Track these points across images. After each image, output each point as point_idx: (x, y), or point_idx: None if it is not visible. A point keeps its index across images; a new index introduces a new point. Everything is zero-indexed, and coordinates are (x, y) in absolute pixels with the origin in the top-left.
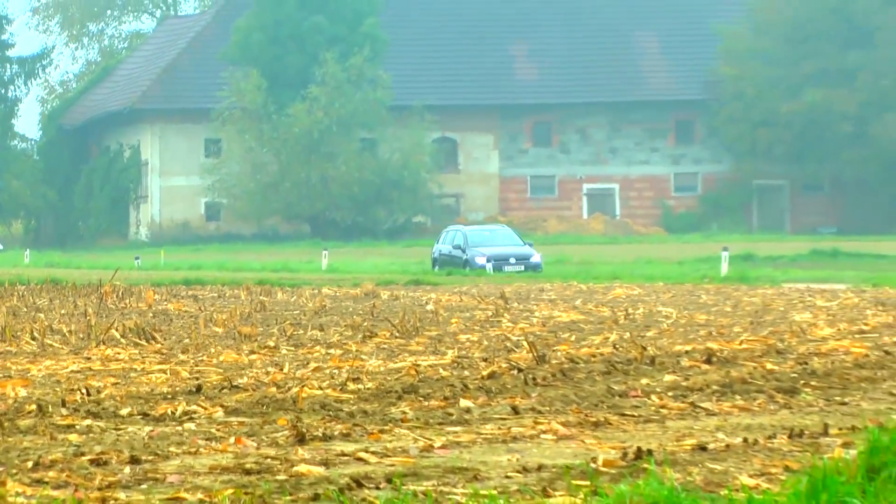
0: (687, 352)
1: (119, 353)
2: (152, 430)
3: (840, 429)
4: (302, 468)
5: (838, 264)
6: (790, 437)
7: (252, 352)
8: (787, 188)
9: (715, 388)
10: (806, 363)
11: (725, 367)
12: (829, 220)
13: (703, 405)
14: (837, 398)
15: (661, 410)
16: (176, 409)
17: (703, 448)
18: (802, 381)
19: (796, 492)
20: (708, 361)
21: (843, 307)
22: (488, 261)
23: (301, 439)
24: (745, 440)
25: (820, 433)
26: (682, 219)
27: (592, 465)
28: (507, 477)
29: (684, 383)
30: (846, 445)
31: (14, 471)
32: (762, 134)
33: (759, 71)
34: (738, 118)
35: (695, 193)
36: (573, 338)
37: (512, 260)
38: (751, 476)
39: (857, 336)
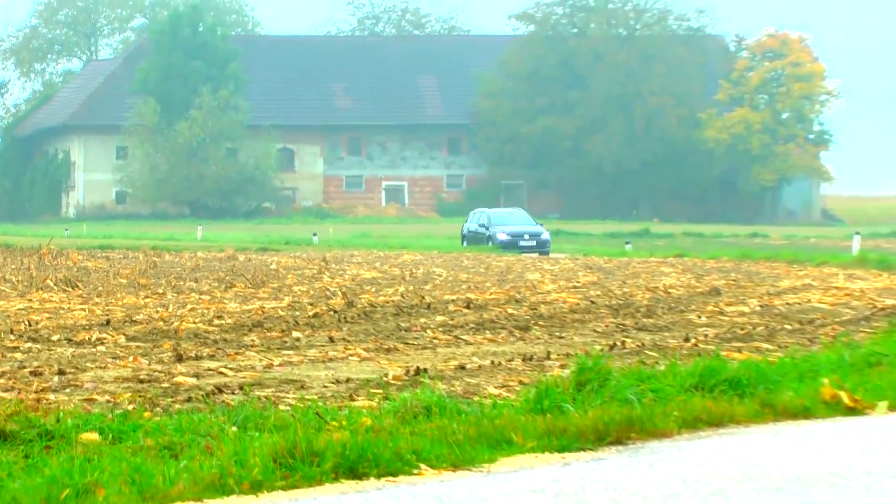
0: (452, 300)
1: (52, 297)
2: (74, 351)
3: (559, 355)
4: (180, 379)
5: (560, 240)
6: (524, 360)
7: (146, 296)
8: (525, 186)
9: (472, 325)
10: (536, 309)
11: (479, 311)
12: (555, 209)
13: (463, 337)
14: (557, 334)
15: (434, 341)
16: (91, 336)
17: (462, 367)
18: (533, 322)
19: (527, 399)
20: (467, 307)
21: (563, 270)
22: (507, 236)
23: (179, 358)
24: (492, 362)
25: (544, 358)
26: (452, 207)
27: (385, 379)
28: (325, 386)
29: (450, 322)
30: (563, 367)
31: None
32: (508, 148)
33: (507, 104)
34: (492, 137)
35: (461, 189)
36: (373, 289)
37: (526, 236)
38: (496, 387)
39: (571, 290)
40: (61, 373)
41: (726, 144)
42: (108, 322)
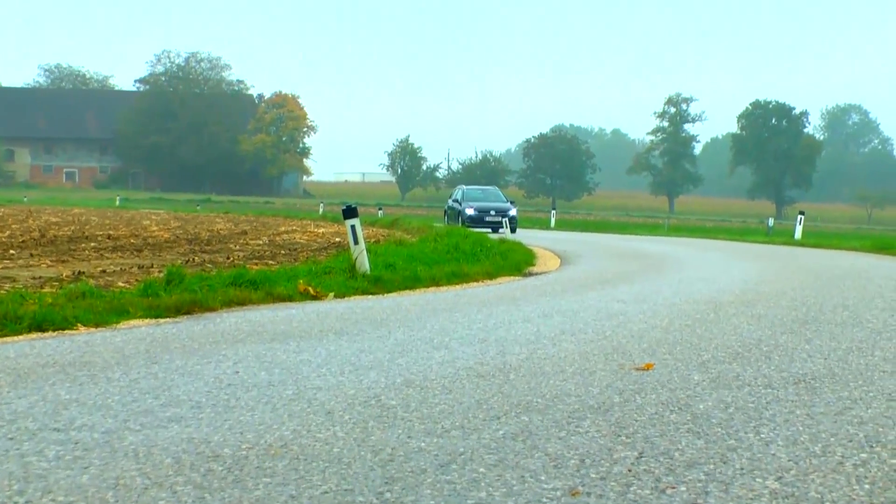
0: (101, 234)
1: None
2: None
3: (158, 266)
4: None
5: (160, 202)
6: (139, 268)
7: None
8: (143, 173)
9: (110, 248)
10: (146, 240)
11: (115, 241)
12: (159, 186)
13: (105, 255)
14: (158, 254)
15: (89, 256)
16: None
17: (104, 271)
18: (144, 247)
19: (139, 288)
20: (108, 238)
21: (162, 219)
22: (474, 212)
23: None
24: (121, 269)
25: (150, 267)
26: (103, 183)
27: (63, 276)
28: (27, 281)
29: (100, 247)
30: (160, 272)
31: None
32: (135, 152)
33: (134, 127)
34: (126, 146)
35: (107, 174)
36: (57, 228)
37: (492, 212)
38: (122, 282)
39: (166, 230)
40: None
41: (253, 153)
42: None
